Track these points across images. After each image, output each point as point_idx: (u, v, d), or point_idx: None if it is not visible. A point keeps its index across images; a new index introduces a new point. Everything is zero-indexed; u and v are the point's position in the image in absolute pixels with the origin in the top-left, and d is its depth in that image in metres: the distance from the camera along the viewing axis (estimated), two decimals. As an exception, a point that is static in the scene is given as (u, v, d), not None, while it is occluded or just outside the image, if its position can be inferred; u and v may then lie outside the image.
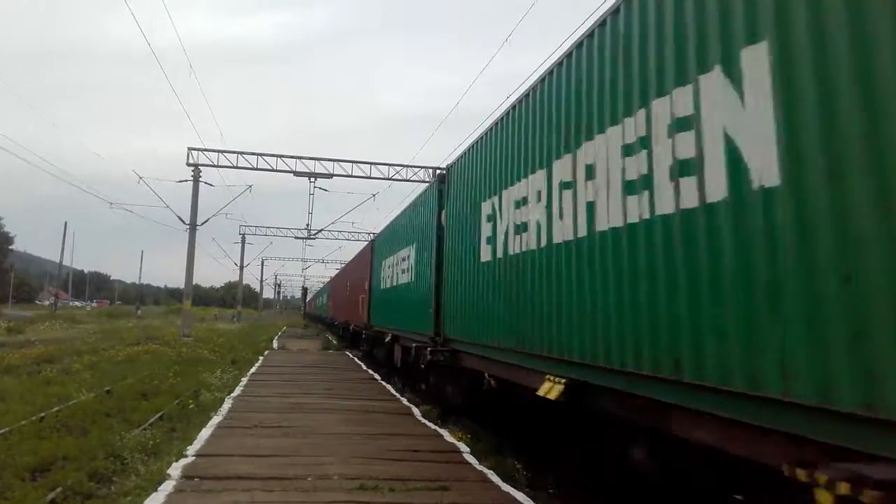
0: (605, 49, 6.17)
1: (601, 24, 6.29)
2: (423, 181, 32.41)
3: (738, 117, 4.17)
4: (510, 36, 16.74)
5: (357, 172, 33.61)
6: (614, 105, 5.87)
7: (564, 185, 6.85)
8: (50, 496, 6.48)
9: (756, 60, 4.02)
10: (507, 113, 8.99)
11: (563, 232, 6.84)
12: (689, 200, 4.63)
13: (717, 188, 4.33)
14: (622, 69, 5.78)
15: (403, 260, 17.01)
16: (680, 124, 4.81)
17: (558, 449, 8.47)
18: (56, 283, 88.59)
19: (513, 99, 8.90)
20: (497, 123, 9.48)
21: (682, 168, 4.74)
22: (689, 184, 4.65)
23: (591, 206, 6.22)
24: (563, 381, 6.37)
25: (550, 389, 6.52)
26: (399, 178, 34.07)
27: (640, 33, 5.51)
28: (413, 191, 23.22)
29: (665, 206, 4.95)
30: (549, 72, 7.56)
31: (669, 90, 4.98)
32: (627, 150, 5.57)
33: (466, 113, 22.22)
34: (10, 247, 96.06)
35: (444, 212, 12.55)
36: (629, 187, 5.51)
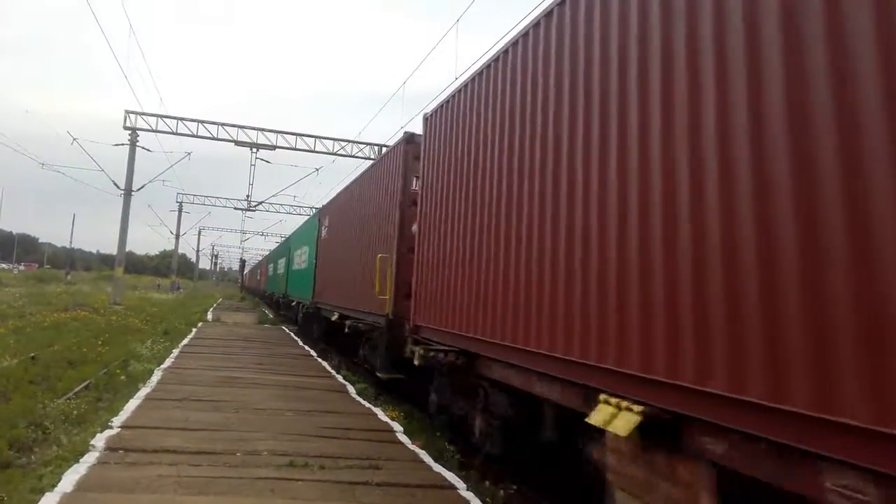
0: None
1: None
2: (368, 158, 32.17)
3: None
4: (459, 19, 16.63)
5: (301, 146, 33.20)
6: None
7: None
8: (-35, 464, 6.26)
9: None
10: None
11: None
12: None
13: None
14: None
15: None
16: None
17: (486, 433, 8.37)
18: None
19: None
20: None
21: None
22: None
23: None
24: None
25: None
26: (344, 153, 33.73)
27: None
28: (358, 166, 22.98)
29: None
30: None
31: None
32: None
33: (412, 94, 22.11)
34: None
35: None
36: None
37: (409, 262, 10.67)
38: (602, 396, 4.69)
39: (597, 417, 4.57)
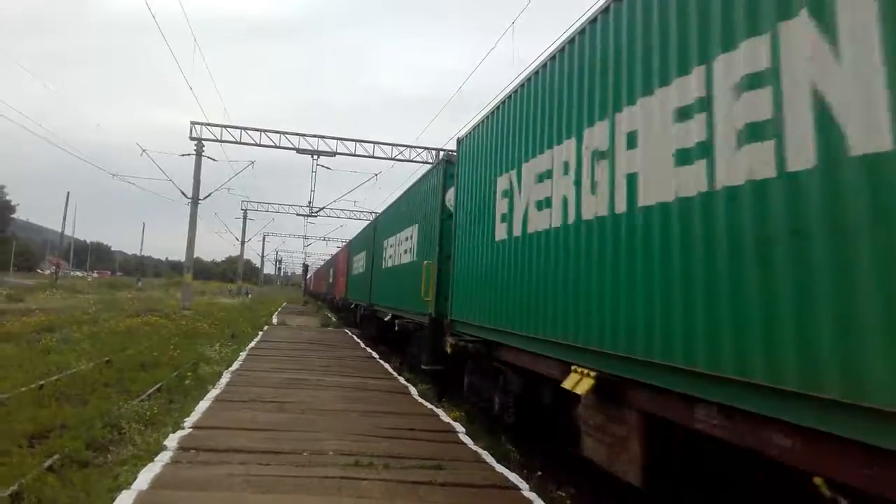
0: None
1: None
2: (426, 162, 32.35)
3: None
4: (515, 20, 16.63)
5: (360, 151, 33.56)
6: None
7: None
8: (47, 462, 6.53)
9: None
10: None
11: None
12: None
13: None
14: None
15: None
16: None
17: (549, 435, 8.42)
18: (57, 253, 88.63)
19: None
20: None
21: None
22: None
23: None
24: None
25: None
26: (402, 158, 34.01)
27: None
28: (417, 171, 23.18)
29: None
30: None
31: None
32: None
33: (471, 96, 22.16)
34: (12, 215, 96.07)
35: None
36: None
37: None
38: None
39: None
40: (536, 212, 7.59)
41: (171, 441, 7.15)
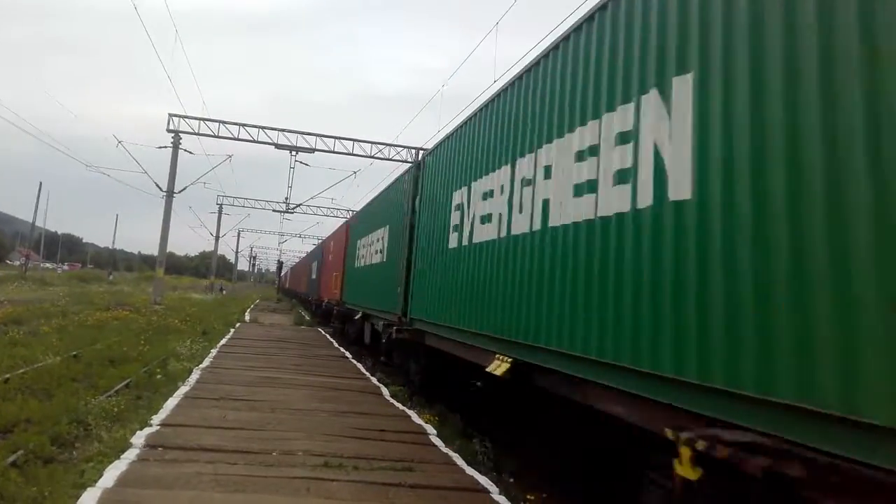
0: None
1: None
2: (405, 161, 32.29)
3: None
4: (499, 21, 16.68)
5: (339, 149, 33.46)
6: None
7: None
8: (11, 458, 6.42)
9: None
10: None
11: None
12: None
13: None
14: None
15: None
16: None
17: (519, 434, 8.66)
18: (28, 244, 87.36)
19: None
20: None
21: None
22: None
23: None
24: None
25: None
26: (381, 156, 33.96)
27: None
28: (395, 169, 23.13)
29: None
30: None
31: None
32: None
33: (452, 95, 22.14)
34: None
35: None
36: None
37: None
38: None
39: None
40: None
41: (139, 438, 7.07)
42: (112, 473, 5.82)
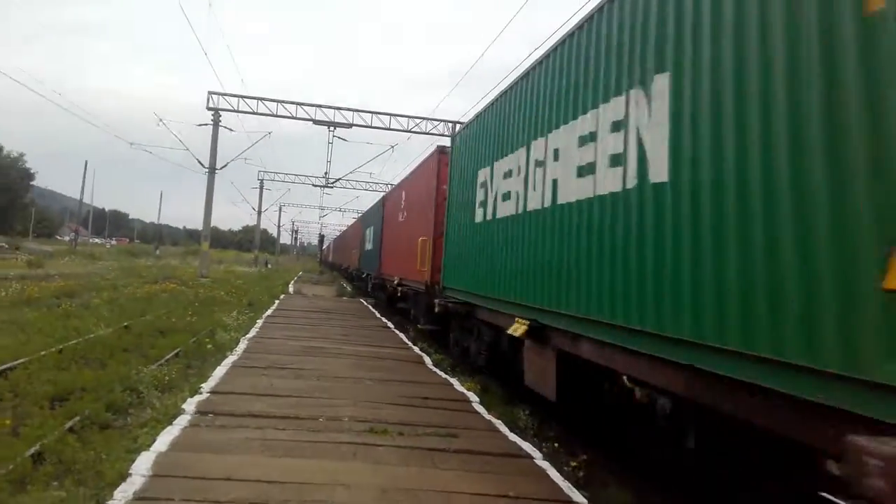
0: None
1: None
2: (442, 135, 32.22)
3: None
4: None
5: (377, 123, 33.47)
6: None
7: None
8: (68, 424, 6.65)
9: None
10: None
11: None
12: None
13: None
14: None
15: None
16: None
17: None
18: (76, 220, 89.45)
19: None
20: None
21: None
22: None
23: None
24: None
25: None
26: (418, 130, 33.88)
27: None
28: (432, 143, 23.01)
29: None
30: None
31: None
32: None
33: (488, 69, 21.94)
34: (32, 182, 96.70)
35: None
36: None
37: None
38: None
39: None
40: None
41: (189, 405, 7.24)
42: (165, 438, 5.98)
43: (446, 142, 15.40)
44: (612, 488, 6.28)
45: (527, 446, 6.75)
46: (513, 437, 7.12)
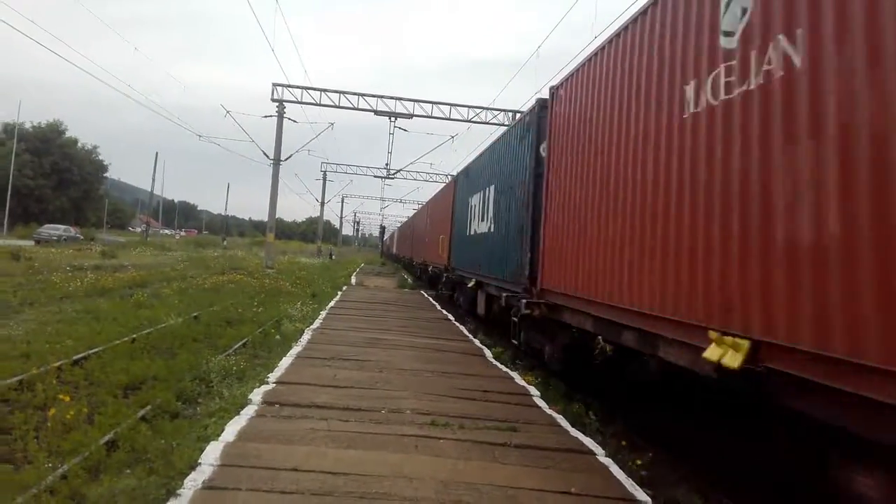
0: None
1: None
2: (502, 124, 32.09)
3: None
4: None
5: (437, 113, 33.57)
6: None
7: None
8: (141, 413, 6.88)
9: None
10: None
11: None
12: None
13: None
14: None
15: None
16: None
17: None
18: (147, 211, 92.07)
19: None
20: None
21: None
22: None
23: None
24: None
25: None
26: (478, 120, 33.84)
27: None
28: (491, 134, 22.93)
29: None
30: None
31: None
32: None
33: (547, 57, 21.74)
34: (105, 175, 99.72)
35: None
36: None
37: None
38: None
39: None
40: None
41: (256, 395, 7.40)
42: (233, 428, 6.12)
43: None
44: (678, 488, 6.19)
45: (589, 442, 6.69)
46: (574, 432, 7.06)
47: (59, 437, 5.90)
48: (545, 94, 11.04)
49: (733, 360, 4.73)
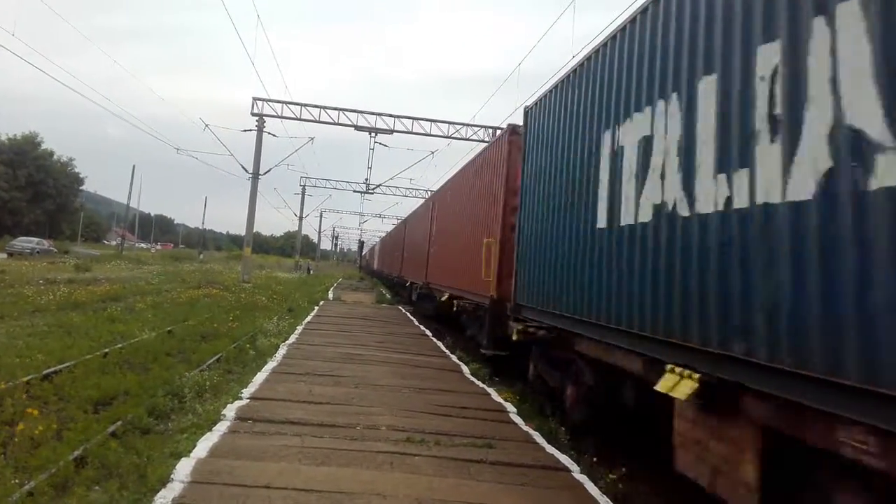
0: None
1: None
2: (483, 141, 32.22)
3: None
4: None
5: (417, 129, 33.64)
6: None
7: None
8: (111, 428, 6.76)
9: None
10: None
11: None
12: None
13: None
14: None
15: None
16: None
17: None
18: (123, 225, 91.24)
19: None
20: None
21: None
22: None
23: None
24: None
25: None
26: (458, 136, 33.97)
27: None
28: (472, 150, 22.97)
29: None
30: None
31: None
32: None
33: (528, 74, 21.90)
34: (81, 187, 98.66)
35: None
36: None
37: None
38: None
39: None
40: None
41: (230, 411, 7.33)
42: (205, 444, 6.05)
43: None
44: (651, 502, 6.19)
45: (564, 459, 6.70)
46: (550, 448, 7.06)
47: (26, 453, 5.78)
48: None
49: None
